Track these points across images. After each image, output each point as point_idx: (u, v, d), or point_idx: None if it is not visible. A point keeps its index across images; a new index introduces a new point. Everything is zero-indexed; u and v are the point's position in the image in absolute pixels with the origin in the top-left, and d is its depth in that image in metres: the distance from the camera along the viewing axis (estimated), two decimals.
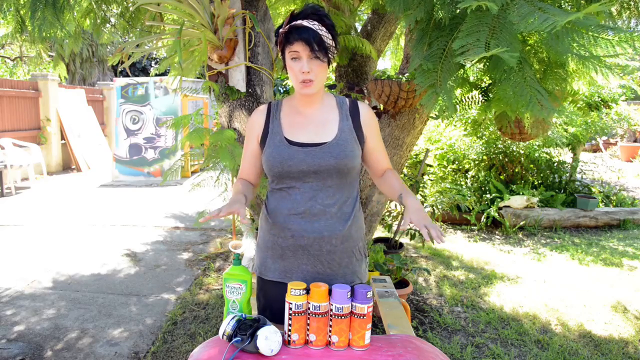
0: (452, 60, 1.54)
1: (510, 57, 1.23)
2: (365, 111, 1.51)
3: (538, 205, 5.52)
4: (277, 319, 1.43)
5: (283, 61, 1.44)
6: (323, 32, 1.36)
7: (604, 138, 11.67)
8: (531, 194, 5.51)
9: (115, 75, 16.75)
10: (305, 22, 1.35)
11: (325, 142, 1.43)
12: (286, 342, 1.31)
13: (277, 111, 1.51)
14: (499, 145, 5.78)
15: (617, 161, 10.58)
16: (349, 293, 1.29)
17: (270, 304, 1.52)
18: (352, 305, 1.29)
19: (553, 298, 3.45)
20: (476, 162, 6.03)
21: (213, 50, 2.51)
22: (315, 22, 1.36)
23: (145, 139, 8.65)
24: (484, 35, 1.36)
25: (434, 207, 4.41)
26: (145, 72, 18.19)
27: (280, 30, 1.40)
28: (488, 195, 5.60)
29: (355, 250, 1.52)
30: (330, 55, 1.39)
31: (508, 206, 5.41)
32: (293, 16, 1.38)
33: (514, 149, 5.75)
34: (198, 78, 7.30)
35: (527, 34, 1.65)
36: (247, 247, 4.03)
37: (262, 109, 1.53)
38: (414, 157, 5.87)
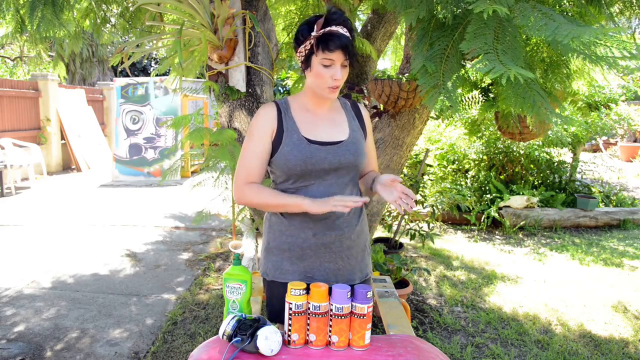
0: (454, 60, 1.55)
1: (525, 77, 1.23)
2: (365, 112, 1.60)
3: (538, 205, 5.52)
4: None
5: (305, 63, 1.40)
6: (351, 38, 1.37)
7: (604, 138, 11.66)
8: (531, 194, 5.51)
9: (115, 75, 16.74)
10: (340, 29, 1.34)
11: (342, 141, 1.47)
12: (286, 342, 1.31)
13: (287, 109, 1.48)
14: (499, 145, 5.78)
15: (617, 161, 10.58)
16: (349, 293, 1.29)
17: None
18: (352, 305, 1.29)
19: (553, 298, 3.45)
20: (476, 162, 6.03)
21: (213, 50, 2.51)
22: (345, 29, 1.36)
23: (145, 139, 8.65)
24: (490, 39, 1.36)
25: (434, 207, 4.41)
26: (145, 72, 18.19)
27: (313, 33, 1.35)
28: (488, 195, 5.60)
29: (366, 243, 1.58)
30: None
31: (508, 206, 5.41)
32: (327, 20, 1.35)
33: (514, 149, 5.75)
34: (198, 78, 7.31)
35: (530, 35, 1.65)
36: (247, 247, 4.03)
37: (271, 107, 1.48)
38: (414, 157, 5.87)
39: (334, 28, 1.34)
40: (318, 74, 1.38)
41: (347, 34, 1.36)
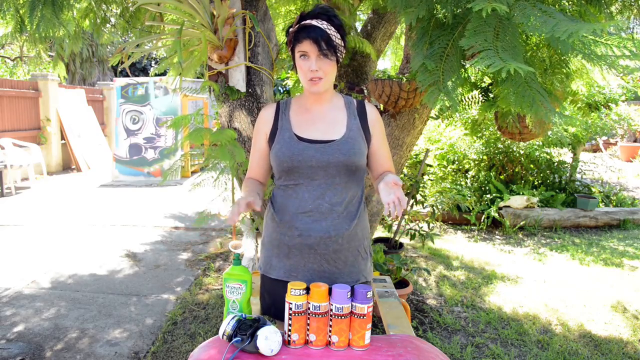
0: (454, 59, 1.55)
1: (525, 70, 1.24)
2: (372, 111, 1.55)
3: (538, 205, 5.52)
4: (282, 317, 1.44)
5: (293, 60, 1.46)
6: (331, 31, 1.39)
7: (604, 138, 11.66)
8: (531, 194, 5.51)
9: (115, 75, 16.74)
10: (313, 22, 1.38)
11: (335, 140, 1.46)
12: (286, 342, 1.31)
13: (286, 109, 1.53)
14: (499, 145, 5.77)
15: (617, 161, 10.57)
16: (349, 293, 1.29)
17: (275, 302, 1.53)
18: (352, 305, 1.29)
19: (553, 298, 3.45)
20: (476, 162, 6.03)
21: (213, 50, 2.51)
22: (324, 22, 1.39)
23: (145, 139, 8.65)
24: (490, 37, 1.36)
25: (434, 207, 4.40)
26: (145, 72, 18.19)
27: (290, 29, 1.43)
28: (488, 195, 5.59)
29: (360, 249, 1.55)
30: (338, 54, 1.42)
31: (508, 206, 5.41)
32: (302, 16, 1.41)
33: (514, 149, 5.75)
34: (198, 78, 7.30)
35: (530, 34, 1.65)
36: (247, 247, 4.03)
37: (270, 107, 1.55)
38: (414, 157, 5.87)
39: (307, 21, 1.39)
40: (298, 66, 1.43)
41: (323, 25, 1.38)
